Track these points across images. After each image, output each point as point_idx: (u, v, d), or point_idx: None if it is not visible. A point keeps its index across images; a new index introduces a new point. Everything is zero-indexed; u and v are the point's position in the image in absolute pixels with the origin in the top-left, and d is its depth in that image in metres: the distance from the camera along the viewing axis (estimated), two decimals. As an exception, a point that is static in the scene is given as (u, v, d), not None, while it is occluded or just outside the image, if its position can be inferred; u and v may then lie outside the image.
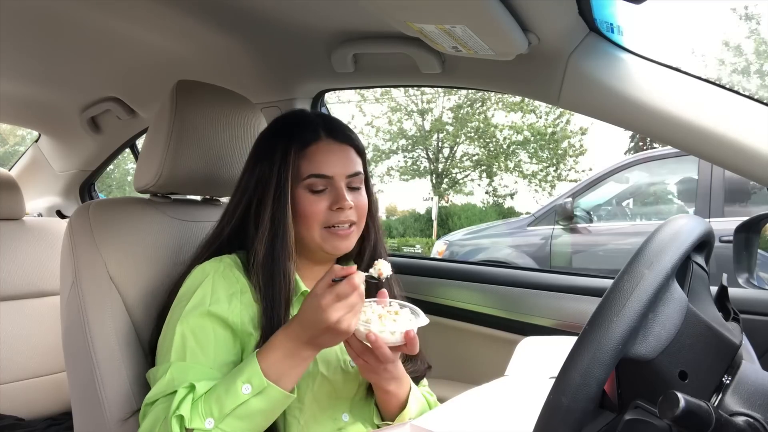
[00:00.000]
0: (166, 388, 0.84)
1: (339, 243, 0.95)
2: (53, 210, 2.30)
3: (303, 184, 0.95)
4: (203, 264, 0.95)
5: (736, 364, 0.60)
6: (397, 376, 0.93)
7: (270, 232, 0.93)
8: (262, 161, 0.97)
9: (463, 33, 0.91)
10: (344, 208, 0.94)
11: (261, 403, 0.81)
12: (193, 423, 0.79)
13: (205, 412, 0.79)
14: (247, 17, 1.23)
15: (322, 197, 0.95)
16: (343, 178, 0.96)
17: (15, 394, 1.64)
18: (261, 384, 0.80)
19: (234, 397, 0.80)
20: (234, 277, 0.93)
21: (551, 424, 0.52)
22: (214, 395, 0.81)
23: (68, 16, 1.26)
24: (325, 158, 0.95)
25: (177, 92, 1.07)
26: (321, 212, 0.94)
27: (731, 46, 12.83)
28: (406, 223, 15.54)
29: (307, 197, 0.94)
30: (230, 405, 0.80)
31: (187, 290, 0.93)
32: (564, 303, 1.38)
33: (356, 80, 1.45)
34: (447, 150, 15.10)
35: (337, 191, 0.95)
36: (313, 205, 0.94)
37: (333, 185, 0.95)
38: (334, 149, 0.97)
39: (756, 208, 3.59)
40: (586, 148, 14.09)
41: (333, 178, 0.95)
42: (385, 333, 0.83)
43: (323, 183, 0.95)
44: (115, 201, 1.13)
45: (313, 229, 0.94)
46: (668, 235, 0.59)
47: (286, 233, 0.93)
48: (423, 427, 0.77)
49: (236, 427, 0.80)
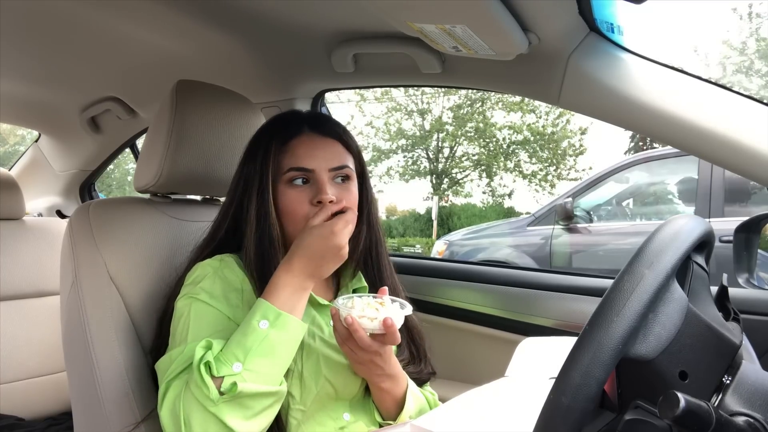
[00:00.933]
0: (185, 361, 0.83)
1: None
2: (53, 210, 2.30)
3: (284, 179, 0.94)
4: (203, 262, 0.95)
5: (736, 364, 0.60)
6: (390, 374, 0.92)
7: (256, 229, 0.93)
8: (249, 161, 0.97)
9: (463, 33, 0.91)
10: (324, 202, 0.91)
11: (280, 335, 0.82)
12: (221, 371, 0.77)
13: (229, 359, 0.78)
14: (247, 17, 1.23)
15: (303, 191, 0.93)
16: (326, 172, 0.94)
17: (15, 394, 1.64)
18: (276, 315, 0.82)
19: (254, 335, 0.80)
20: (234, 274, 0.93)
21: (551, 424, 0.52)
22: (233, 342, 0.81)
23: (68, 16, 1.26)
24: (305, 151, 0.94)
25: (177, 92, 1.07)
26: (303, 207, 0.92)
27: (733, 46, 12.83)
28: (406, 223, 15.54)
29: (288, 192, 0.94)
30: (252, 343, 0.79)
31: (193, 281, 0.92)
32: (564, 303, 1.38)
33: (356, 80, 1.45)
34: (447, 150, 15.10)
35: (318, 185, 0.93)
36: (294, 199, 0.93)
37: (315, 178, 0.94)
38: (316, 142, 0.96)
39: (756, 208, 3.59)
40: (586, 147, 14.12)
41: (314, 171, 0.93)
42: (364, 319, 0.84)
43: (304, 176, 0.94)
44: (115, 201, 1.13)
45: (299, 225, 0.92)
46: (668, 235, 0.59)
47: (271, 229, 0.92)
48: (423, 427, 0.77)
49: (262, 366, 0.79)
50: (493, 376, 0.94)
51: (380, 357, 0.88)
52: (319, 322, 0.97)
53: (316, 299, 0.97)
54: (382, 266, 1.04)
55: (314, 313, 0.97)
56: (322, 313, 0.98)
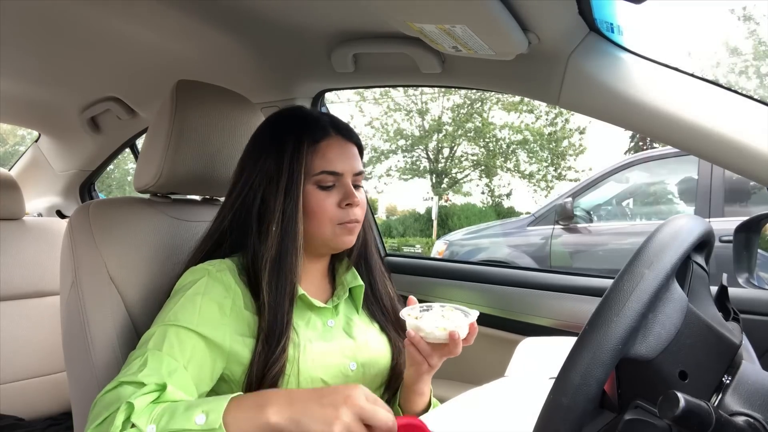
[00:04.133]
0: (137, 371, 0.78)
1: (348, 238, 0.97)
2: (53, 210, 2.30)
3: (313, 180, 0.94)
4: (197, 266, 0.94)
5: (736, 364, 0.60)
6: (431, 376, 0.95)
7: (280, 227, 0.92)
8: (266, 156, 0.95)
9: (463, 33, 0.91)
10: (354, 205, 0.95)
11: None
12: (140, 420, 0.71)
13: (155, 417, 0.72)
14: (247, 17, 1.23)
15: (330, 194, 0.95)
16: (351, 176, 0.97)
17: (15, 394, 1.64)
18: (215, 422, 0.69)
19: (186, 420, 0.70)
20: (227, 283, 0.91)
21: (551, 424, 0.52)
22: (172, 407, 0.73)
23: (68, 16, 1.26)
24: (336, 155, 0.96)
25: (177, 92, 1.07)
26: (330, 208, 0.94)
27: (731, 47, 12.83)
28: (406, 223, 15.54)
29: (317, 193, 0.94)
30: (178, 426, 0.70)
31: (177, 290, 0.91)
32: (564, 303, 1.38)
33: (356, 80, 1.45)
34: (446, 150, 15.10)
35: (346, 188, 0.95)
36: (324, 201, 0.94)
37: (341, 182, 0.96)
38: (343, 147, 0.97)
39: (756, 208, 3.59)
40: (586, 146, 14.13)
41: (343, 175, 0.96)
42: (432, 328, 0.87)
43: (333, 180, 0.95)
44: (115, 201, 1.13)
45: (324, 226, 0.95)
46: (668, 235, 0.59)
47: (297, 229, 0.92)
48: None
49: None
50: (493, 376, 0.94)
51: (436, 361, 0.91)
52: (316, 323, 0.97)
53: (311, 301, 0.96)
54: (373, 263, 1.06)
55: (310, 314, 0.97)
56: (319, 315, 0.98)
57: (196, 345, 0.84)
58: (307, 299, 0.96)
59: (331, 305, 1.00)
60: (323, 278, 1.04)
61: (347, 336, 0.98)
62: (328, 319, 0.98)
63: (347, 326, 1.00)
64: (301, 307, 0.96)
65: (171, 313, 0.86)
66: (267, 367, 0.87)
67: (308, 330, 0.94)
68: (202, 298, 0.88)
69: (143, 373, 0.77)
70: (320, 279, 1.04)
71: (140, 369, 0.78)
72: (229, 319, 0.89)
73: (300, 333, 0.93)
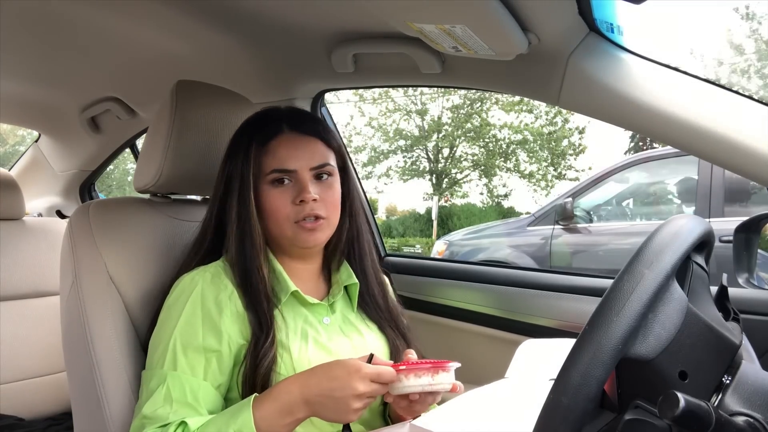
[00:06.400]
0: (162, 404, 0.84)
1: (307, 236, 0.94)
2: (53, 210, 2.29)
3: (266, 180, 0.94)
4: (190, 274, 0.94)
5: (736, 364, 0.60)
6: None
7: (237, 230, 0.94)
8: (227, 161, 0.98)
9: (463, 33, 0.91)
10: (306, 201, 0.92)
11: None
12: None
13: None
14: (247, 17, 1.23)
15: (285, 191, 0.94)
16: (307, 171, 0.95)
17: (15, 394, 1.64)
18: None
19: None
20: (222, 285, 0.92)
21: (551, 423, 0.52)
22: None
23: (68, 16, 1.26)
24: (287, 152, 0.95)
25: (177, 92, 1.07)
26: (285, 206, 0.93)
27: (733, 45, 12.82)
28: (405, 223, 15.53)
29: (270, 192, 0.94)
30: None
31: (176, 300, 0.92)
32: (564, 303, 1.38)
33: (356, 80, 1.45)
34: (446, 150, 15.10)
35: (300, 184, 0.94)
36: (277, 199, 0.94)
37: (297, 178, 0.94)
38: (297, 142, 0.96)
39: (756, 208, 3.59)
40: (586, 146, 14.12)
41: (296, 171, 0.94)
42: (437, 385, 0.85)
43: (287, 176, 0.94)
44: (115, 201, 1.13)
45: (283, 225, 0.94)
46: (668, 235, 0.59)
47: (253, 230, 0.93)
48: (423, 427, 0.77)
49: None
50: (493, 376, 0.94)
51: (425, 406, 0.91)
52: (312, 321, 0.96)
53: (305, 298, 0.96)
54: (365, 255, 1.05)
55: (306, 312, 0.97)
56: (314, 312, 0.98)
57: (209, 358, 0.88)
58: (300, 296, 0.96)
59: (327, 303, 1.00)
60: (318, 278, 1.04)
61: (342, 334, 0.98)
62: (324, 317, 0.98)
63: (343, 324, 1.00)
64: (295, 304, 0.96)
65: (176, 331, 0.89)
66: (258, 360, 0.88)
67: (305, 326, 0.95)
68: (201, 309, 0.90)
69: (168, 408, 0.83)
70: (315, 279, 1.03)
71: (166, 401, 0.84)
72: (229, 320, 0.90)
73: (296, 330, 0.93)
